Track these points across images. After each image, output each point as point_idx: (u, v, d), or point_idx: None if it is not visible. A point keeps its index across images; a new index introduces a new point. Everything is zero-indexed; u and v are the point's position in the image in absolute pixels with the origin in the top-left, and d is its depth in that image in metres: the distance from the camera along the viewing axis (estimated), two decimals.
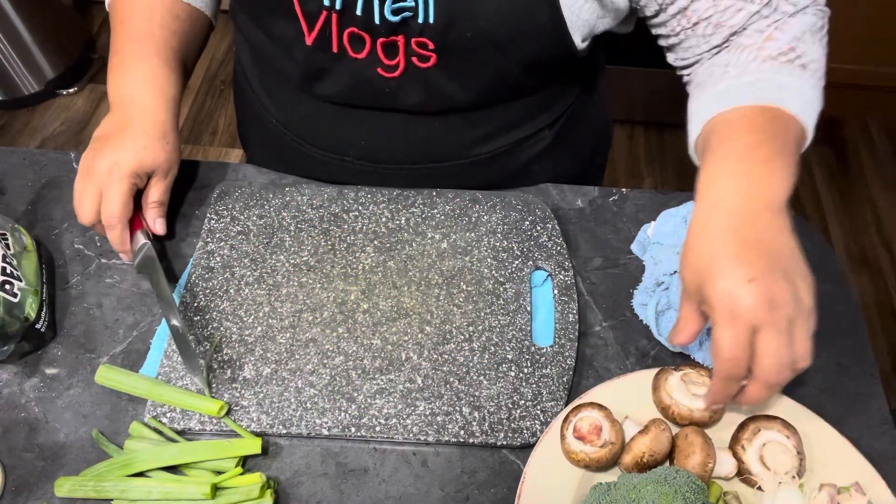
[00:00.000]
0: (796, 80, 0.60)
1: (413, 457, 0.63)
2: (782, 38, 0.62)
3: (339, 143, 0.80)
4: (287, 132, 0.83)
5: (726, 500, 0.59)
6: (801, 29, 0.62)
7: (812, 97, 0.61)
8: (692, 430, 0.59)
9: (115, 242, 0.70)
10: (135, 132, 0.70)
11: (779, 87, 0.59)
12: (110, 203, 0.68)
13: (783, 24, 0.62)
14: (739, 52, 0.63)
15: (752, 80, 0.60)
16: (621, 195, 0.82)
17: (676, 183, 2.05)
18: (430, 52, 0.66)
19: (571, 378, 0.66)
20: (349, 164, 0.81)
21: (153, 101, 0.72)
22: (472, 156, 0.79)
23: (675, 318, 0.69)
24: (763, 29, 0.63)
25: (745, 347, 0.51)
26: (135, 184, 0.70)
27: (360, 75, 0.70)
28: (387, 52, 0.67)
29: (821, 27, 0.65)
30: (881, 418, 0.66)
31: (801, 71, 0.61)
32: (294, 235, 0.76)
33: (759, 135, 0.56)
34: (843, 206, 2.03)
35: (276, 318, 0.70)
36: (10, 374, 0.68)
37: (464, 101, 0.72)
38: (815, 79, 0.62)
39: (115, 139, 0.70)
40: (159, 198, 0.73)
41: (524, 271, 0.73)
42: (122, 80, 0.74)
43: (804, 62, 0.61)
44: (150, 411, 0.64)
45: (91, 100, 2.24)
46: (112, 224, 0.68)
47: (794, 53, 0.61)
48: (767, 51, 0.61)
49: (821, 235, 0.79)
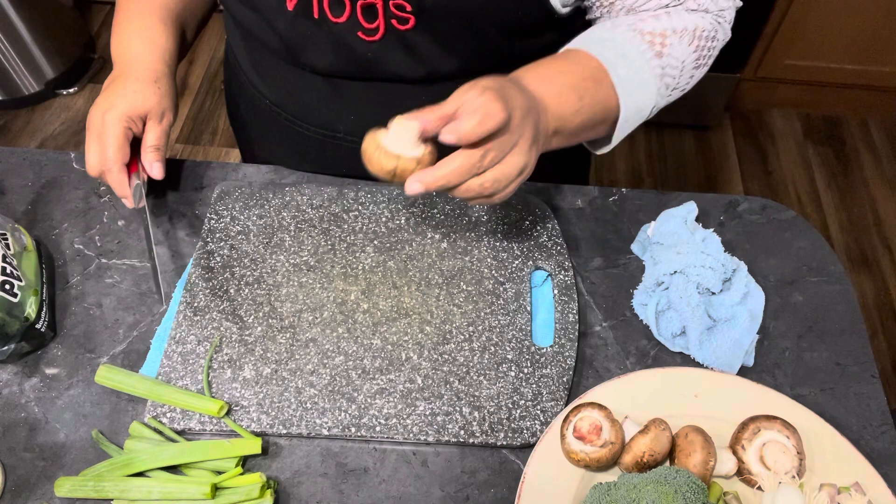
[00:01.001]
0: (642, 60, 0.65)
1: (413, 457, 0.63)
2: (663, 24, 0.66)
3: (330, 119, 0.81)
4: (280, 111, 0.84)
5: (726, 500, 0.59)
6: (685, 26, 0.66)
7: (644, 80, 0.65)
8: (692, 429, 0.59)
9: (114, 186, 0.71)
10: (126, 79, 0.73)
11: (622, 55, 0.65)
12: (105, 147, 0.70)
13: (675, 12, 0.67)
14: (627, 9, 0.68)
15: (609, 38, 0.66)
16: (621, 195, 0.82)
17: (676, 183, 2.05)
18: (409, 14, 0.67)
19: (571, 378, 0.66)
20: (342, 141, 0.82)
21: (146, 50, 0.76)
22: None
23: (675, 319, 0.70)
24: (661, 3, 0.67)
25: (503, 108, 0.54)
26: (128, 128, 0.71)
27: (341, 41, 0.71)
28: (366, 14, 0.68)
29: (709, 37, 0.68)
30: (881, 418, 0.66)
31: (653, 57, 0.66)
32: (294, 235, 0.76)
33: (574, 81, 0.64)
34: (843, 206, 2.03)
35: (276, 318, 0.70)
36: (10, 374, 0.68)
37: (448, 67, 0.73)
38: (659, 68, 0.66)
39: (108, 90, 0.73)
40: (155, 142, 0.73)
41: (524, 271, 0.73)
42: (120, 37, 0.78)
43: (664, 52, 0.66)
44: (150, 411, 0.64)
45: (91, 100, 2.23)
46: (109, 167, 0.70)
47: (661, 39, 0.65)
48: (645, 24, 0.66)
49: (821, 235, 0.79)
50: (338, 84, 0.77)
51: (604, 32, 0.67)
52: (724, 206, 0.81)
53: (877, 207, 2.03)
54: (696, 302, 0.69)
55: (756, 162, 2.13)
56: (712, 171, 2.10)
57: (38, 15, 2.07)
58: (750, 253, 0.77)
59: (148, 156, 0.73)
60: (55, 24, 2.16)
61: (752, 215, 0.80)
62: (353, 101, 0.78)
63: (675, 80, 0.68)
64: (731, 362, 0.68)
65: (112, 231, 0.78)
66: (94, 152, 0.70)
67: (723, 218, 0.80)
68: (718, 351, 0.68)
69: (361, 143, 0.81)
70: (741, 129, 2.20)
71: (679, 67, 0.67)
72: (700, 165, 2.11)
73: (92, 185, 0.82)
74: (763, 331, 0.71)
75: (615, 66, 0.64)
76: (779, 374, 0.69)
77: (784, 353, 0.70)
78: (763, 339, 0.71)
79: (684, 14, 0.67)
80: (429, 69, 0.73)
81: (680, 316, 0.69)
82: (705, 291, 0.70)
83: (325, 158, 0.83)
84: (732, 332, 0.69)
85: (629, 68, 0.64)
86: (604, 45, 0.65)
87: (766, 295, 0.73)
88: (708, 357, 0.68)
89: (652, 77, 0.66)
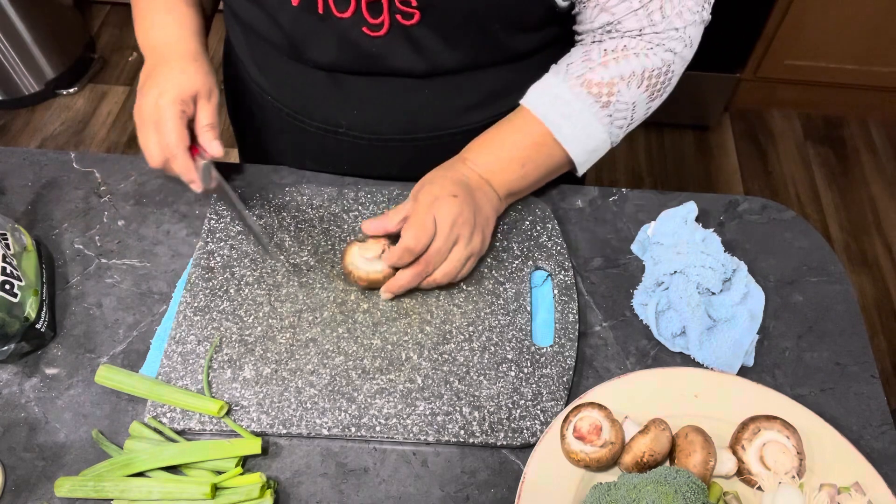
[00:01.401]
0: (589, 114, 0.72)
1: (413, 457, 0.63)
2: (610, 72, 0.71)
3: (332, 114, 0.81)
4: (282, 107, 0.84)
5: (726, 500, 0.59)
6: (632, 70, 0.71)
7: (593, 132, 0.73)
8: (692, 429, 0.59)
9: (181, 172, 0.70)
10: (168, 63, 0.73)
11: (567, 115, 0.72)
12: (165, 133, 0.69)
13: (624, 58, 0.71)
14: (585, 59, 0.72)
15: (558, 94, 0.72)
16: (621, 195, 0.82)
17: (676, 183, 2.05)
18: (414, 9, 0.67)
19: (571, 378, 0.66)
20: (343, 136, 0.82)
21: (177, 31, 0.76)
22: (461, 125, 0.80)
23: (675, 319, 0.70)
24: (615, 48, 0.71)
25: (428, 228, 0.67)
26: (183, 110, 0.70)
27: (345, 36, 0.71)
28: (371, 10, 0.68)
29: (660, 73, 0.72)
30: (881, 418, 0.66)
31: (599, 108, 0.72)
32: (294, 235, 0.76)
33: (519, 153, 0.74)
34: (843, 206, 2.03)
35: (276, 318, 0.70)
36: (10, 374, 0.68)
37: (451, 62, 0.73)
38: (607, 116, 0.72)
39: (152, 78, 0.72)
40: (209, 120, 0.73)
41: (524, 271, 0.73)
42: (146, 25, 0.77)
43: (612, 100, 0.71)
44: (150, 411, 0.64)
45: (91, 100, 2.23)
46: (174, 154, 0.69)
47: (608, 89, 0.71)
48: (594, 74, 0.71)
49: (821, 235, 0.79)
50: (340, 79, 0.77)
51: (555, 86, 0.73)
52: (724, 206, 0.81)
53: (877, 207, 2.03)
54: (696, 302, 0.69)
55: (756, 162, 2.13)
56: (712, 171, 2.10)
57: (38, 15, 2.07)
58: (750, 253, 0.77)
59: (205, 135, 0.72)
60: (55, 24, 2.16)
61: (752, 215, 0.80)
62: (356, 96, 0.78)
63: (626, 119, 0.74)
64: (731, 362, 0.68)
65: (112, 231, 0.78)
66: (154, 142, 0.70)
67: (723, 218, 0.80)
68: (718, 351, 0.68)
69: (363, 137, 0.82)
70: (741, 129, 2.20)
71: (630, 109, 0.73)
72: (700, 165, 2.11)
73: (92, 185, 0.82)
74: (763, 331, 0.71)
75: (560, 126, 0.72)
76: (779, 374, 0.69)
77: (784, 353, 0.70)
78: (763, 339, 0.71)
79: (632, 59, 0.70)
80: (432, 64, 0.73)
81: (680, 316, 0.69)
82: (705, 291, 0.70)
83: (325, 154, 0.83)
84: (732, 332, 0.69)
85: (574, 126, 0.72)
86: (553, 105, 0.72)
87: (766, 295, 0.73)
88: (708, 357, 0.68)
89: (600, 126, 0.72)
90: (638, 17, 0.69)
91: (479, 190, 0.72)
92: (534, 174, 0.74)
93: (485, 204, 0.72)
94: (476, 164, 0.73)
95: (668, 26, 0.69)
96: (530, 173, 0.74)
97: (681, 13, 0.69)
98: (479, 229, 0.70)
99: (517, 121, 0.74)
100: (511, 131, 0.74)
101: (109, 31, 2.44)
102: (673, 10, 0.68)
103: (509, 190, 0.74)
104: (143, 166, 0.84)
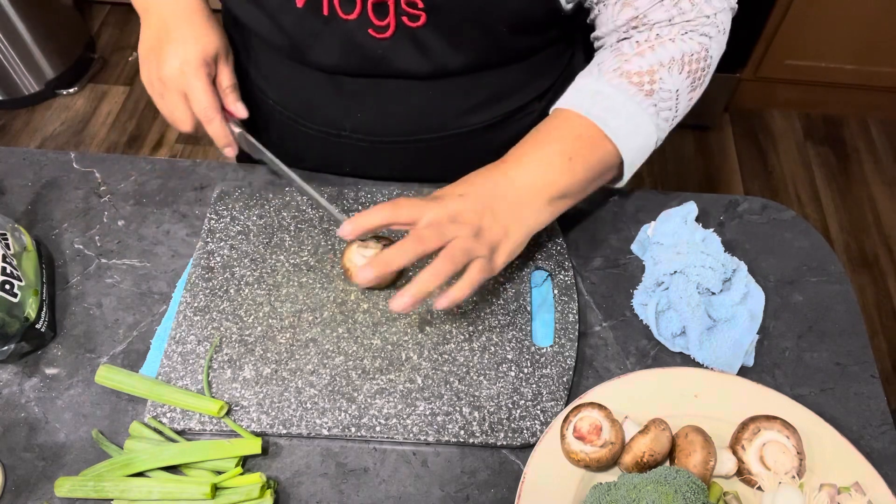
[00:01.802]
0: (633, 105, 0.66)
1: (413, 457, 0.63)
2: (648, 60, 0.67)
3: (334, 117, 0.80)
4: (283, 110, 0.83)
5: (726, 500, 0.59)
6: (672, 56, 0.67)
7: (641, 123, 0.67)
8: (692, 429, 0.59)
9: (217, 137, 0.69)
10: (181, 26, 0.71)
11: (611, 108, 0.66)
12: (198, 99, 0.68)
13: (660, 44, 0.67)
14: (617, 54, 0.68)
15: (597, 90, 0.67)
16: (621, 195, 0.82)
17: (676, 183, 2.05)
18: (420, 12, 0.67)
19: (571, 378, 0.66)
20: (346, 139, 0.81)
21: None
22: (464, 126, 0.80)
23: (675, 319, 0.70)
24: (647, 38, 0.67)
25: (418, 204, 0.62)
26: (209, 73, 0.70)
27: (350, 38, 0.70)
28: (377, 11, 0.68)
29: (699, 58, 0.68)
30: (881, 418, 0.66)
31: (643, 97, 0.67)
32: (294, 235, 0.76)
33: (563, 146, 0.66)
34: (843, 206, 2.03)
35: (277, 318, 0.70)
36: (10, 374, 0.68)
37: (455, 63, 0.73)
38: (652, 106, 0.67)
39: (167, 42, 0.70)
40: (230, 81, 0.73)
41: (524, 271, 0.73)
42: None
43: (654, 88, 0.67)
44: (150, 411, 0.64)
45: (91, 100, 2.23)
46: (209, 117, 0.68)
47: (649, 77, 0.66)
48: (630, 65, 0.67)
49: (821, 235, 0.79)
50: (342, 81, 0.76)
51: (592, 84, 0.68)
52: (724, 206, 0.81)
53: (877, 207, 2.03)
54: (696, 302, 0.69)
55: (756, 162, 2.13)
56: (712, 171, 2.10)
57: (38, 15, 2.07)
58: (750, 253, 0.77)
59: (228, 97, 0.72)
60: (55, 24, 2.16)
61: (752, 215, 0.80)
62: (358, 98, 0.78)
63: (672, 111, 0.69)
64: (731, 362, 0.68)
65: (112, 231, 0.78)
66: (182, 109, 0.69)
67: (723, 218, 0.80)
68: (718, 351, 0.68)
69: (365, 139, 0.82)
70: (741, 129, 2.20)
71: (674, 97, 0.68)
72: (700, 165, 2.11)
73: (92, 185, 0.82)
74: (763, 331, 0.71)
75: (605, 120, 0.66)
76: (779, 374, 0.69)
77: (784, 353, 0.70)
78: (763, 339, 0.71)
79: (668, 44, 0.67)
80: (436, 65, 0.73)
81: (680, 316, 0.69)
82: (705, 291, 0.70)
83: (327, 158, 0.83)
84: (732, 332, 0.69)
85: (620, 118, 0.66)
86: (593, 101, 0.67)
87: (766, 295, 0.73)
88: (708, 357, 0.68)
89: (647, 117, 0.67)
90: (665, 7, 0.66)
91: (502, 198, 0.64)
92: (582, 170, 0.66)
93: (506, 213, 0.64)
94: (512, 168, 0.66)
95: (699, 14, 0.67)
96: (578, 169, 0.66)
97: (710, 0, 0.67)
98: (488, 234, 0.62)
99: (556, 121, 0.68)
100: (551, 130, 0.68)
101: (109, 31, 2.44)
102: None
103: (558, 191, 0.66)
104: (143, 166, 0.84)
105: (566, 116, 0.68)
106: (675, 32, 0.67)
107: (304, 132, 0.83)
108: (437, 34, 0.69)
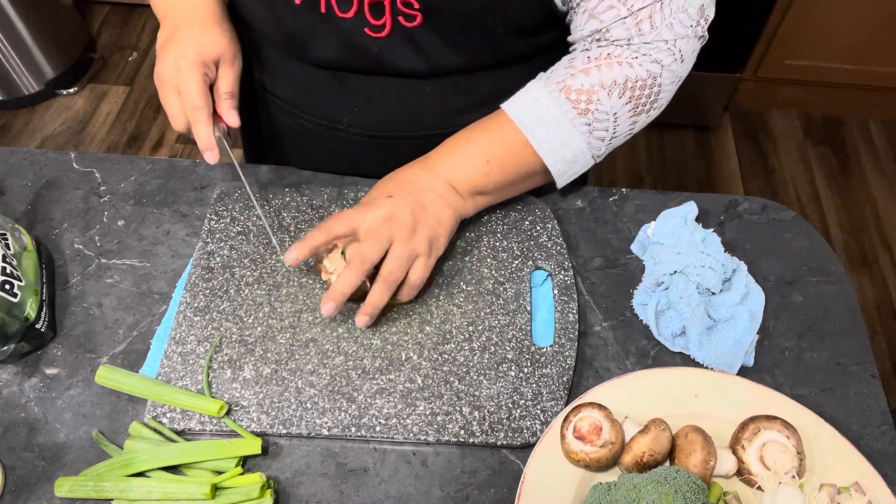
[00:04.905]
0: (565, 120, 0.69)
1: (413, 457, 0.63)
2: (591, 79, 0.68)
3: (333, 111, 0.81)
4: (283, 104, 0.84)
5: (726, 500, 0.59)
6: (614, 79, 0.68)
7: (569, 140, 0.70)
8: (692, 429, 0.59)
9: (200, 137, 0.68)
10: (190, 25, 0.71)
11: (543, 120, 0.69)
12: (188, 96, 0.68)
13: (607, 65, 0.68)
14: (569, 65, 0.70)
15: (536, 98, 0.70)
16: (621, 195, 0.82)
17: (676, 183, 2.05)
18: (416, 12, 0.67)
19: (571, 378, 0.66)
20: (344, 133, 0.82)
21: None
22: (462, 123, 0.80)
23: (675, 319, 0.70)
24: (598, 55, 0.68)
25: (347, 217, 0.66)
26: (205, 73, 0.69)
27: (347, 36, 0.71)
28: (373, 11, 0.68)
29: (644, 85, 0.69)
30: (881, 418, 0.66)
31: (576, 115, 0.69)
32: (294, 235, 0.76)
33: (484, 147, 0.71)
34: (843, 206, 2.03)
35: (276, 318, 0.70)
36: (10, 374, 0.68)
37: (452, 63, 0.73)
38: (585, 125, 0.69)
39: (173, 40, 0.70)
40: (230, 88, 0.72)
41: (524, 271, 0.73)
42: None
43: (590, 108, 0.68)
44: (150, 411, 0.64)
45: (91, 100, 2.23)
46: (197, 117, 0.67)
47: (586, 97, 0.68)
48: (574, 80, 0.68)
49: (821, 235, 0.79)
50: (341, 77, 0.77)
51: (536, 90, 0.70)
52: (724, 206, 0.81)
53: (877, 207, 2.03)
54: (696, 302, 0.69)
55: (756, 162, 2.13)
56: (712, 171, 2.10)
57: (38, 15, 2.07)
58: (750, 253, 0.77)
59: (224, 103, 0.71)
60: (55, 24, 2.16)
61: (752, 215, 0.80)
62: (357, 93, 0.78)
63: (608, 132, 0.70)
64: (731, 362, 0.68)
65: (112, 231, 0.78)
66: (176, 106, 0.68)
67: (723, 218, 0.80)
68: (718, 351, 0.68)
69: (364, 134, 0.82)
70: (741, 129, 2.20)
71: (611, 119, 0.69)
72: (700, 165, 2.11)
73: (92, 185, 0.82)
74: (763, 331, 0.71)
75: (533, 130, 0.69)
76: (779, 374, 0.69)
77: (784, 353, 0.70)
78: (763, 339, 0.71)
79: (615, 67, 0.67)
80: (433, 65, 0.73)
81: (680, 316, 0.69)
82: (705, 291, 0.70)
83: (325, 151, 0.83)
84: (732, 332, 0.69)
85: (548, 130, 0.69)
86: (529, 108, 0.70)
87: (766, 295, 0.73)
88: (708, 357, 0.68)
89: (578, 134, 0.69)
90: (626, 26, 0.67)
91: (429, 190, 0.69)
92: (498, 172, 0.71)
93: (435, 203, 0.69)
94: (435, 162, 0.71)
95: (657, 37, 0.67)
96: (494, 171, 0.71)
97: (671, 25, 0.66)
98: (423, 228, 0.67)
99: (490, 122, 0.72)
100: (480, 130, 0.72)
101: (109, 31, 2.44)
102: (663, 22, 0.66)
103: (473, 187, 0.71)
104: (144, 166, 0.84)
105: (500, 120, 0.71)
106: (627, 55, 0.68)
107: (303, 126, 0.84)
108: (433, 34, 0.70)
